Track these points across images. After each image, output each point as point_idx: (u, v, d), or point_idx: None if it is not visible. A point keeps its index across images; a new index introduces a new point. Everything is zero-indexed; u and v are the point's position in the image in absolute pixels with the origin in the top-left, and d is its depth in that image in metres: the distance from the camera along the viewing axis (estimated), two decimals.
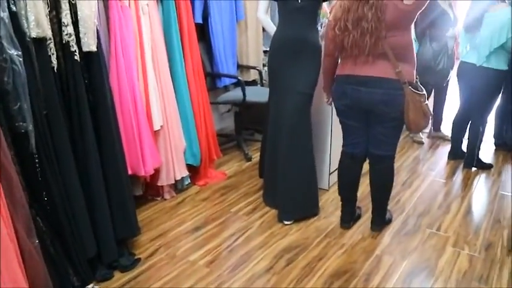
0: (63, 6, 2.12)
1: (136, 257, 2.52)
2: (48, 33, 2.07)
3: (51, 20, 2.09)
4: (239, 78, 4.02)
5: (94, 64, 2.30)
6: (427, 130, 4.47)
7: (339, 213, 2.92)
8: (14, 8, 1.89)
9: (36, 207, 1.99)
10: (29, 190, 1.97)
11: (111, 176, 2.40)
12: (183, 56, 3.20)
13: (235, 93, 4.04)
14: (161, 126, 3.01)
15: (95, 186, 2.31)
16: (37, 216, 1.98)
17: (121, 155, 2.49)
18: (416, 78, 2.44)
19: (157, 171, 3.05)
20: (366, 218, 2.93)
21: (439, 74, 3.85)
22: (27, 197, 1.92)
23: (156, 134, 3.01)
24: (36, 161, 2.00)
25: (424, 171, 3.77)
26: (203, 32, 3.91)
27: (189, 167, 3.34)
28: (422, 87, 2.44)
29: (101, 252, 2.36)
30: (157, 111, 2.97)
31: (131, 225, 2.54)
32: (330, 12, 2.55)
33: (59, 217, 2.09)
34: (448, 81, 4.11)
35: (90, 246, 2.28)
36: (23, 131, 1.93)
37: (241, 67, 4.39)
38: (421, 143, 4.40)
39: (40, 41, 2.04)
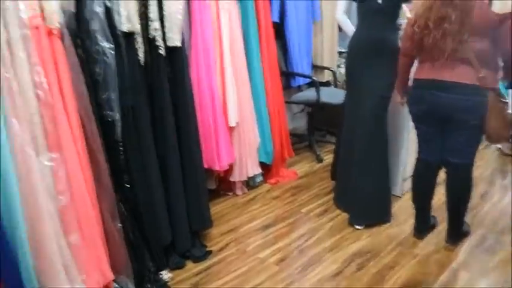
0: (151, 2, 2.20)
1: (207, 249, 2.57)
2: (137, 28, 2.15)
3: (140, 15, 2.18)
4: (314, 78, 3.98)
5: (178, 59, 2.38)
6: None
7: (412, 221, 2.81)
8: (108, 4, 2.00)
9: (119, 192, 2.09)
10: (113, 176, 2.06)
11: (188, 169, 2.46)
12: (260, 54, 3.23)
13: (309, 94, 4.01)
14: (237, 122, 3.05)
15: (173, 177, 2.38)
16: (120, 201, 2.07)
17: (198, 148, 2.55)
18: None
19: (230, 167, 3.09)
20: (441, 228, 2.79)
21: None
22: (112, 182, 2.01)
23: (231, 129, 3.06)
24: (121, 149, 2.09)
25: (506, 185, 3.55)
26: (279, 31, 3.92)
27: (261, 165, 3.36)
28: (505, 95, 2.30)
29: (175, 241, 2.43)
30: (234, 107, 3.01)
31: (204, 217, 2.60)
32: (410, 11, 2.46)
33: (139, 204, 2.18)
34: None
35: (166, 234, 2.35)
36: (110, 119, 2.03)
37: (315, 67, 4.34)
38: (509, 155, 4.09)
39: (129, 35, 2.13)
